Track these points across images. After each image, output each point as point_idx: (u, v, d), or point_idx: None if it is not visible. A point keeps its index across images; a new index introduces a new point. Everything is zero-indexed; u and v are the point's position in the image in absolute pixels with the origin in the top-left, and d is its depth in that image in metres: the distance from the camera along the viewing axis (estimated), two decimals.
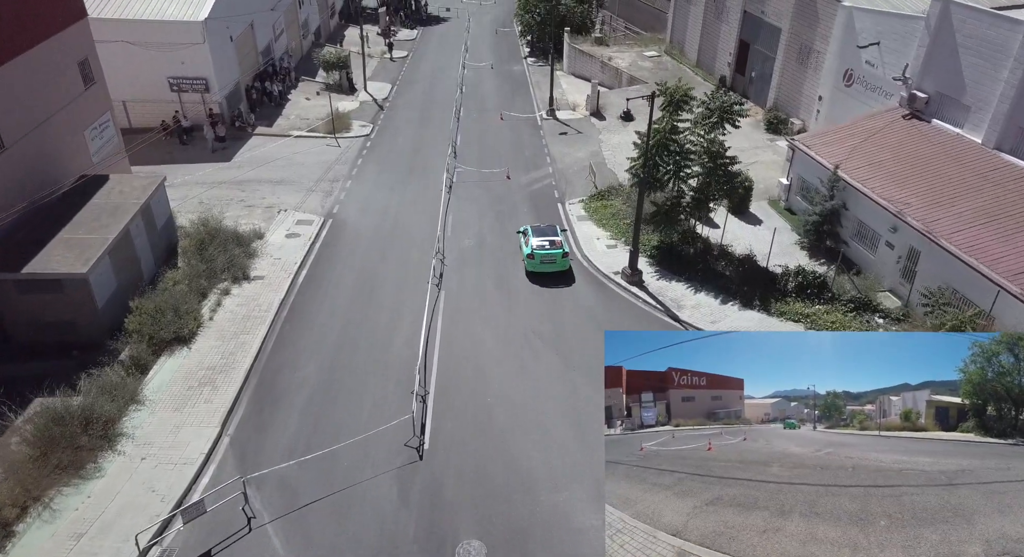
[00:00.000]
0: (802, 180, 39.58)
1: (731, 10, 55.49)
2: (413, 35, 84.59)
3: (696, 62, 61.08)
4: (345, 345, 28.19)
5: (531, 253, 31.98)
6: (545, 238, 32.31)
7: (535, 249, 31.94)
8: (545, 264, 32.00)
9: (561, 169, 45.90)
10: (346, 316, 30.14)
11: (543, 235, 32.59)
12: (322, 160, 46.69)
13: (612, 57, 63.55)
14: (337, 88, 61.61)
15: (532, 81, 65.96)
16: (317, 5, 76.07)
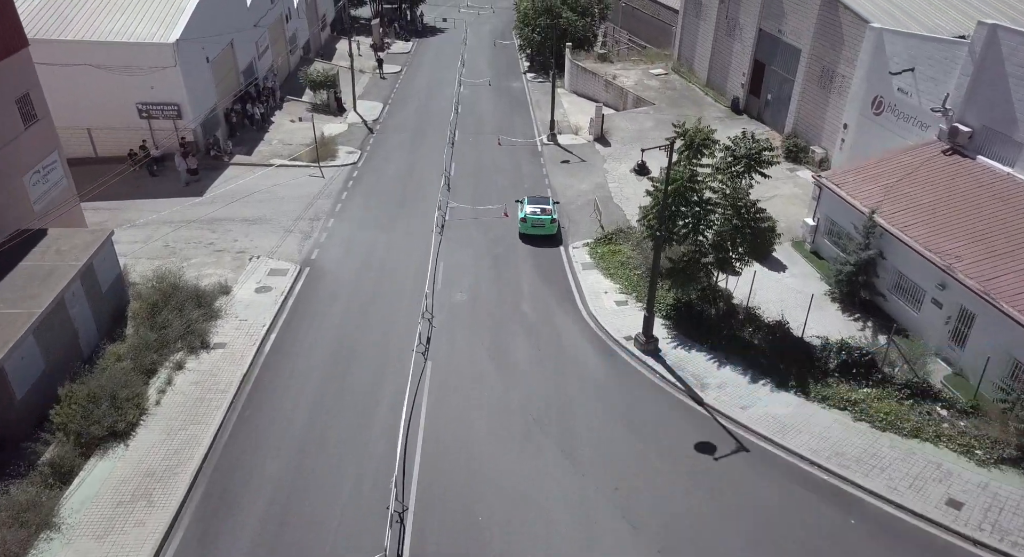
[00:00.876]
0: (831, 221, 35.17)
1: (745, 28, 51.06)
2: (408, 48, 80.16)
3: (706, 81, 56.64)
4: (312, 439, 23.71)
5: (524, 217, 36.99)
6: (537, 205, 37.45)
7: (528, 214, 36.90)
8: (535, 228, 36.88)
9: (564, 204, 41.47)
10: (317, 397, 25.68)
11: (536, 203, 37.75)
12: (304, 193, 42.24)
13: (616, 75, 59.11)
14: (324, 108, 57.20)
15: (532, 100, 61.51)
16: (306, 18, 71.62)
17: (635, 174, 44.60)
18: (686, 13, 58.90)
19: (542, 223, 36.84)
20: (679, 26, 60.09)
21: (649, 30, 73.97)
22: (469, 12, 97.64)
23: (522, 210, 37.60)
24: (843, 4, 41.74)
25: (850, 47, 41.52)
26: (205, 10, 45.81)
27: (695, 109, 53.31)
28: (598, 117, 49.92)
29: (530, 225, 36.84)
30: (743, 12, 51.04)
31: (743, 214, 27.11)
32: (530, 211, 37.01)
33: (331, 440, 23.56)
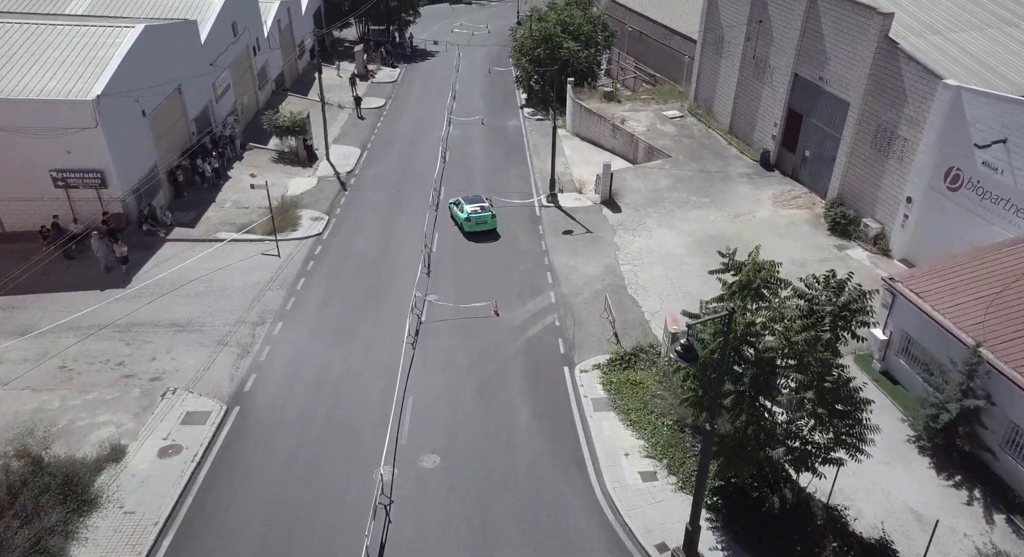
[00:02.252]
0: (909, 339, 27.09)
1: (776, 71, 42.90)
2: (394, 76, 71.99)
3: (729, 128, 48.48)
4: None
5: (468, 217, 38.28)
6: (476, 204, 38.80)
7: (471, 213, 38.27)
8: (479, 225, 38.18)
9: (567, 295, 33.37)
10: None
11: (473, 203, 38.99)
12: (252, 282, 34.09)
13: (625, 118, 50.94)
14: (292, 157, 49.06)
15: (530, 144, 53.37)
16: (280, 47, 63.41)
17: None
18: (704, 48, 50.78)
19: (484, 220, 38.44)
20: (696, 62, 51.94)
21: (658, 58, 65.91)
22: (462, 33, 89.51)
23: (463, 211, 38.83)
24: (905, 54, 33.64)
25: (915, 106, 33.42)
26: (140, 57, 37.69)
27: (718, 162, 45.16)
28: (605, 177, 41.76)
29: (475, 223, 38.33)
30: (774, 53, 42.91)
31: (822, 381, 18.88)
32: (471, 210, 38.47)
33: None
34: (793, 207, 40.25)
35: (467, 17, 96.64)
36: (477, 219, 38.39)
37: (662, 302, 32.56)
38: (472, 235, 38.58)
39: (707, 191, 42.07)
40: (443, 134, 54.47)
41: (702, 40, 50.80)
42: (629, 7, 71.05)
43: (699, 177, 43.53)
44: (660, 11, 67.11)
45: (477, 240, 38.74)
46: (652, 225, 39.17)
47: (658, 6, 68.20)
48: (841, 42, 37.47)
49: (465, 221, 38.54)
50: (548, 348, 29.73)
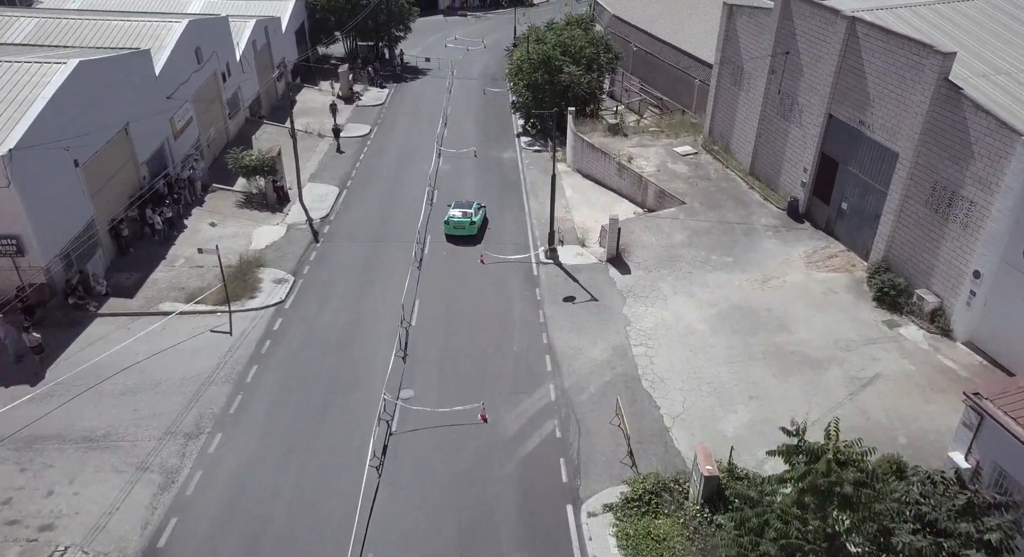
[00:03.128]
0: (1002, 473, 21.06)
1: (807, 110, 36.86)
2: (382, 97, 65.88)
3: (750, 169, 42.39)
4: None
5: (447, 220, 38.82)
6: (460, 209, 39.17)
7: (451, 217, 38.77)
8: (458, 229, 38.57)
9: (570, 390, 27.35)
10: None
11: (460, 208, 39.38)
12: (193, 372, 28.05)
13: (632, 156, 44.84)
14: (261, 200, 42.99)
15: (527, 182, 47.31)
16: (255, 69, 57.28)
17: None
18: (720, 78, 44.69)
19: (463, 225, 38.71)
20: (711, 93, 45.83)
21: (666, 80, 59.91)
22: (456, 48, 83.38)
23: (447, 214, 39.49)
24: (972, 102, 27.61)
25: (985, 164, 27.38)
26: (72, 97, 31.69)
27: (739, 211, 39.09)
28: (612, 232, 35.71)
29: (452, 227, 38.83)
30: (804, 90, 36.86)
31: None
32: (454, 213, 39.06)
33: None
34: (829, 269, 34.21)
35: (462, 30, 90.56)
36: (456, 223, 38.75)
37: (684, 400, 26.58)
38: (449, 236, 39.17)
39: (729, 248, 36.02)
40: (431, 170, 48.40)
41: (718, 69, 44.72)
42: (634, 24, 65.05)
43: (719, 229, 37.48)
44: (668, 30, 61.07)
45: (465, 309, 32.73)
46: (667, 292, 33.12)
47: (665, 24, 62.17)
48: (888, 83, 31.42)
49: (445, 224, 39.06)
50: (547, 473, 23.66)
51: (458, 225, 38.70)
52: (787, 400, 26.43)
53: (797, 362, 28.37)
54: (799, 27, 36.70)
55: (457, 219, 38.67)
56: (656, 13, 65.02)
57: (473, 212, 39.24)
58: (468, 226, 38.72)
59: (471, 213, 39.13)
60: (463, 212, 39.08)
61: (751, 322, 30.77)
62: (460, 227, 38.72)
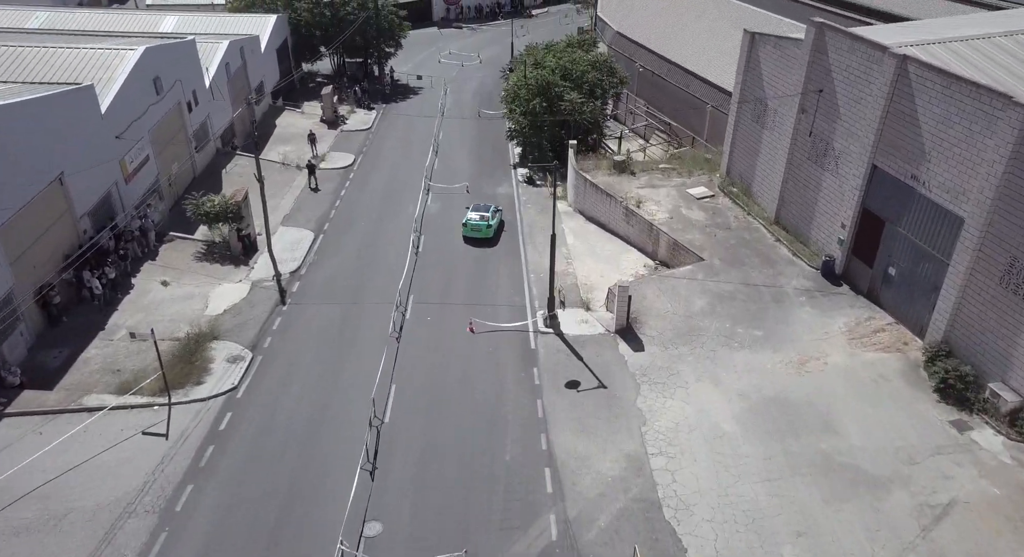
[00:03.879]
0: None
1: (845, 158, 31.37)
2: (369, 121, 60.31)
3: (775, 218, 36.86)
4: None
5: (465, 222, 39.25)
6: (478, 213, 39.40)
7: (468, 220, 39.10)
8: (475, 231, 38.85)
9: (574, 523, 21.88)
10: None
11: (478, 211, 39.63)
12: (109, 498, 22.53)
13: (642, 199, 39.34)
14: (224, 250, 37.48)
15: (524, 225, 41.84)
16: (229, 94, 51.72)
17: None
18: (740, 113, 39.17)
19: (479, 228, 38.80)
20: (730, 129, 40.30)
21: (675, 104, 54.51)
22: (451, 64, 77.75)
23: (465, 216, 39.64)
24: None
25: None
26: None
27: (766, 270, 33.60)
28: (622, 301, 30.21)
29: (470, 229, 38.93)
30: (841, 134, 31.38)
31: None
32: (471, 216, 39.13)
33: None
34: (877, 347, 28.73)
35: (457, 44, 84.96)
36: (473, 226, 39.06)
37: (716, 538, 21.18)
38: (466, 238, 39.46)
39: (758, 318, 30.55)
40: (418, 212, 42.88)
41: (738, 101, 39.19)
42: (639, 42, 59.58)
43: (744, 294, 32.00)
44: (677, 49, 55.58)
45: (449, 399, 27.25)
46: (688, 377, 27.64)
47: (674, 43, 56.67)
48: (950, 135, 25.94)
49: (463, 226, 39.41)
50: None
51: (475, 228, 38.90)
52: (844, 538, 21.02)
53: (851, 480, 22.94)
54: (836, 62, 31.20)
55: (475, 222, 38.91)
56: (664, 30, 59.56)
57: (491, 216, 39.45)
58: (485, 229, 38.92)
59: (488, 217, 39.28)
60: (480, 215, 39.23)
61: (790, 420, 25.33)
62: (477, 229, 38.92)
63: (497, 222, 40.12)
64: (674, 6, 62.70)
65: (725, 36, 54.15)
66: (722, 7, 58.63)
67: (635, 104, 59.59)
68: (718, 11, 58.44)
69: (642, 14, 64.02)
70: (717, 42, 53.91)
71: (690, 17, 59.86)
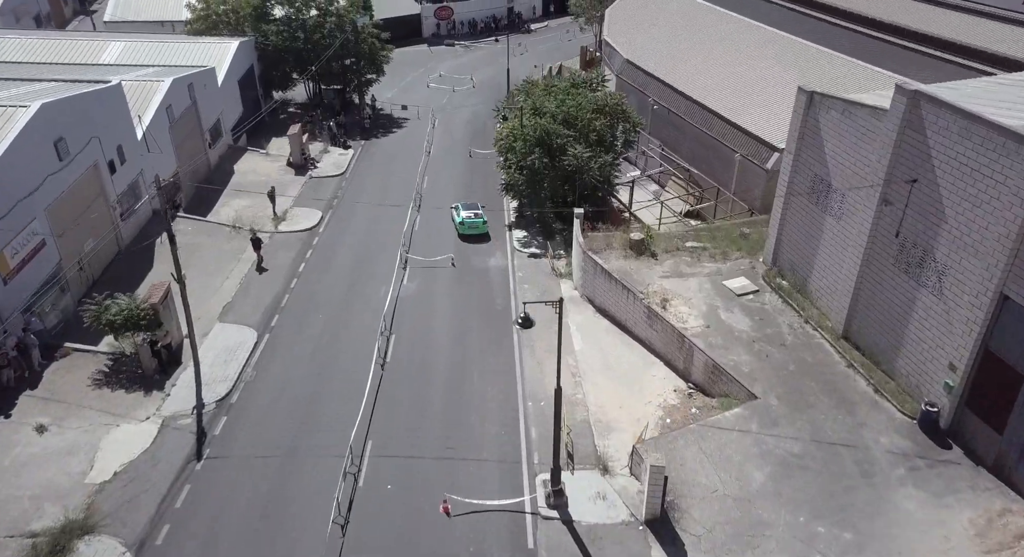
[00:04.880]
0: None
1: (953, 276, 22.08)
2: (344, 164, 51.10)
3: (844, 331, 27.56)
4: None
5: (462, 221, 39.82)
6: (471, 211, 40.25)
7: (464, 218, 39.82)
8: (471, 229, 39.59)
9: None
10: None
11: (470, 209, 40.48)
12: None
13: (667, 297, 30.09)
14: (135, 366, 28.30)
15: (521, 314, 32.65)
16: (172, 142, 42.37)
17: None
18: (793, 186, 29.91)
19: (476, 225, 39.71)
20: (778, 207, 31.02)
21: (695, 147, 45.42)
22: (440, 89, 68.36)
23: (459, 215, 40.17)
24: None
25: None
26: None
27: (844, 417, 24.33)
28: (656, 482, 20.99)
29: (467, 227, 39.60)
30: (949, 245, 22.19)
31: None
32: (466, 215, 39.82)
33: None
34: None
35: (448, 64, 75.52)
36: (470, 224, 39.73)
37: None
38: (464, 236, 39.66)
39: (843, 506, 21.37)
40: (390, 298, 33.72)
41: (789, 172, 29.95)
42: (651, 73, 50.29)
43: (818, 460, 22.84)
44: (698, 82, 46.34)
45: None
46: None
47: (695, 75, 47.40)
48: None
49: (459, 225, 39.94)
50: None
51: (472, 225, 39.59)
52: None
53: None
54: (939, 147, 21.98)
55: (471, 220, 39.66)
56: (682, 58, 50.24)
57: (481, 212, 40.20)
58: (481, 225, 39.64)
59: (480, 214, 40.04)
60: (474, 213, 40.03)
61: None
62: (474, 226, 39.59)
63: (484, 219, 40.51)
64: (692, 27, 53.34)
65: (756, 65, 44.82)
66: (754, 34, 49.28)
67: (648, 145, 50.29)
68: (748, 37, 49.10)
69: (654, 37, 54.62)
70: (747, 75, 44.68)
71: (712, 42, 50.51)
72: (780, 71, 43.52)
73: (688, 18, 54.49)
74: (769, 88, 42.56)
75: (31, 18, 76.82)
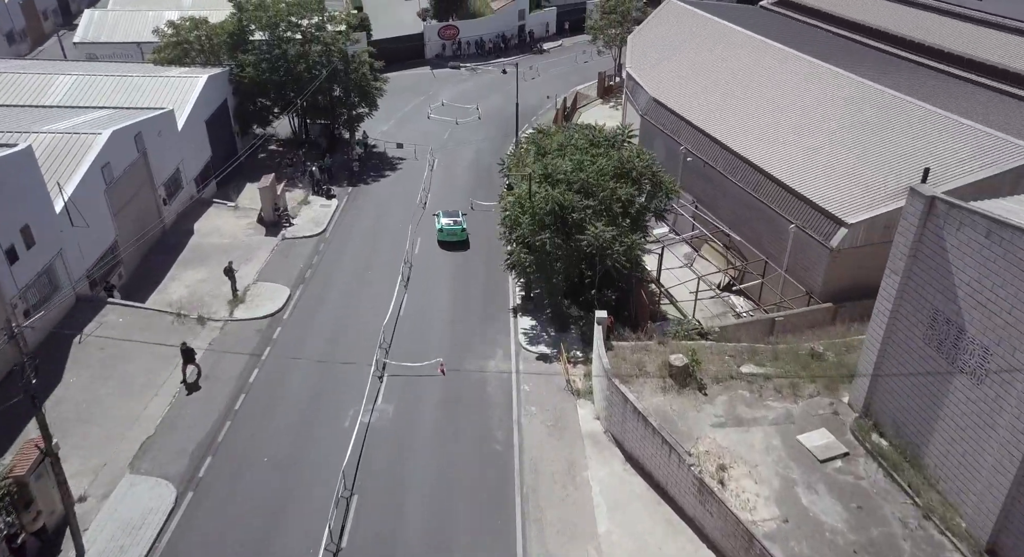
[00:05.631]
0: None
1: None
2: (324, 220, 42.81)
3: (990, 543, 18.81)
4: None
5: (441, 228, 39.10)
6: (450, 218, 39.45)
7: (444, 225, 39.02)
8: (450, 236, 38.84)
9: None
10: None
11: (449, 216, 39.70)
12: None
13: (724, 461, 21.49)
14: None
15: (525, 465, 24.25)
16: (110, 208, 34.19)
17: None
18: (900, 318, 21.17)
19: (455, 232, 38.77)
20: (876, 338, 22.27)
21: (737, 209, 37.26)
22: (442, 120, 59.91)
23: (439, 222, 39.50)
24: None
25: None
26: None
27: None
28: None
29: (446, 234, 38.88)
30: None
31: None
32: (445, 222, 39.19)
33: None
34: None
35: (452, 90, 66.99)
36: (448, 231, 38.88)
37: None
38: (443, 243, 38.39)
39: None
40: (355, 435, 25.32)
41: (894, 297, 21.24)
42: (682, 116, 41.86)
43: None
44: (737, 132, 37.85)
45: None
46: None
47: (733, 122, 38.84)
48: None
49: (439, 231, 39.18)
50: None
51: (451, 232, 38.79)
52: None
53: None
54: None
55: (450, 227, 38.82)
56: (719, 98, 41.70)
57: (462, 220, 39.39)
58: (459, 232, 38.80)
59: (460, 221, 39.24)
60: (453, 220, 39.19)
61: None
62: (453, 234, 38.79)
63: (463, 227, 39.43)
64: (729, 59, 44.56)
65: (814, 115, 36.02)
66: (805, 69, 40.43)
67: (679, 200, 41.65)
68: (797, 72, 40.28)
69: (685, 70, 45.89)
70: (802, 124, 35.99)
71: (754, 78, 41.74)
72: (844, 121, 34.83)
73: (724, 47, 45.74)
74: (831, 143, 33.96)
75: (2, 35, 68.87)
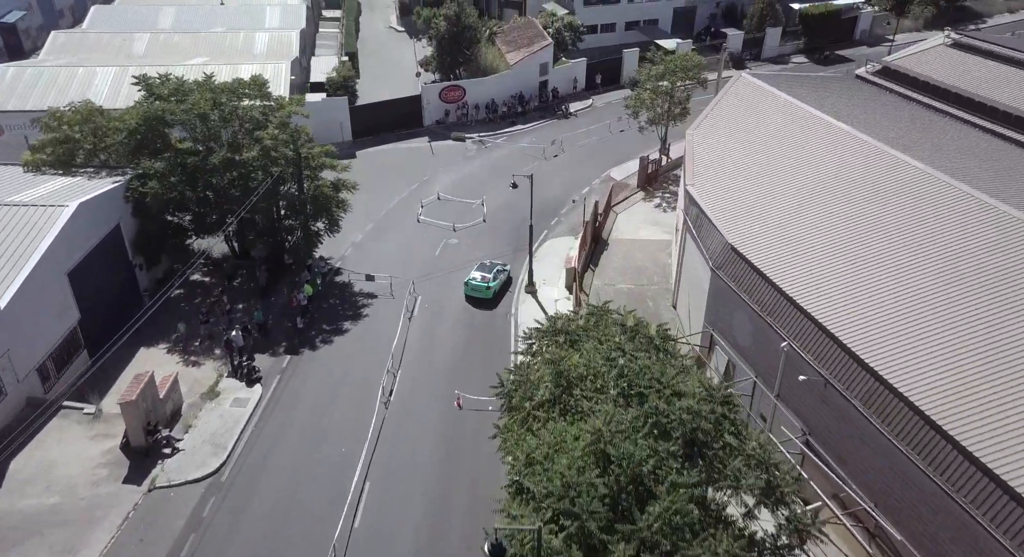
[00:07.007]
0: None
1: None
2: (229, 438, 26.81)
3: None
4: None
5: (466, 282, 35.60)
6: (480, 273, 35.71)
7: (469, 279, 35.53)
8: (473, 291, 35.39)
9: None
10: None
11: (481, 270, 35.95)
12: None
13: None
14: None
15: None
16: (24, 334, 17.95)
17: None
18: None
19: (479, 289, 35.59)
20: None
21: (883, 464, 19.85)
22: (435, 226, 43.72)
23: (469, 275, 36.04)
24: None
25: None
26: None
27: None
28: None
29: (470, 289, 35.78)
30: None
31: None
32: (473, 276, 35.82)
33: None
34: None
35: (452, 174, 50.55)
36: (474, 286, 35.62)
37: None
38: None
39: None
40: None
41: None
42: (785, 290, 25.08)
43: None
44: (882, 327, 20.75)
45: None
46: None
47: (872, 301, 21.74)
48: None
49: (465, 285, 35.89)
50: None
51: (476, 289, 35.41)
52: None
53: None
54: None
55: (476, 282, 35.46)
56: (848, 244, 24.79)
57: (492, 276, 35.64)
58: (484, 290, 35.31)
59: (489, 278, 35.46)
60: (482, 276, 35.53)
61: None
62: (477, 290, 35.41)
63: (498, 285, 35.86)
64: (852, 176, 27.57)
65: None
66: (991, 218, 23.22)
67: (774, 418, 25.05)
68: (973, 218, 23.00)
69: (781, 189, 29.07)
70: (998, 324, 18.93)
71: (902, 214, 24.81)
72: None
73: (835, 152, 28.78)
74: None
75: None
